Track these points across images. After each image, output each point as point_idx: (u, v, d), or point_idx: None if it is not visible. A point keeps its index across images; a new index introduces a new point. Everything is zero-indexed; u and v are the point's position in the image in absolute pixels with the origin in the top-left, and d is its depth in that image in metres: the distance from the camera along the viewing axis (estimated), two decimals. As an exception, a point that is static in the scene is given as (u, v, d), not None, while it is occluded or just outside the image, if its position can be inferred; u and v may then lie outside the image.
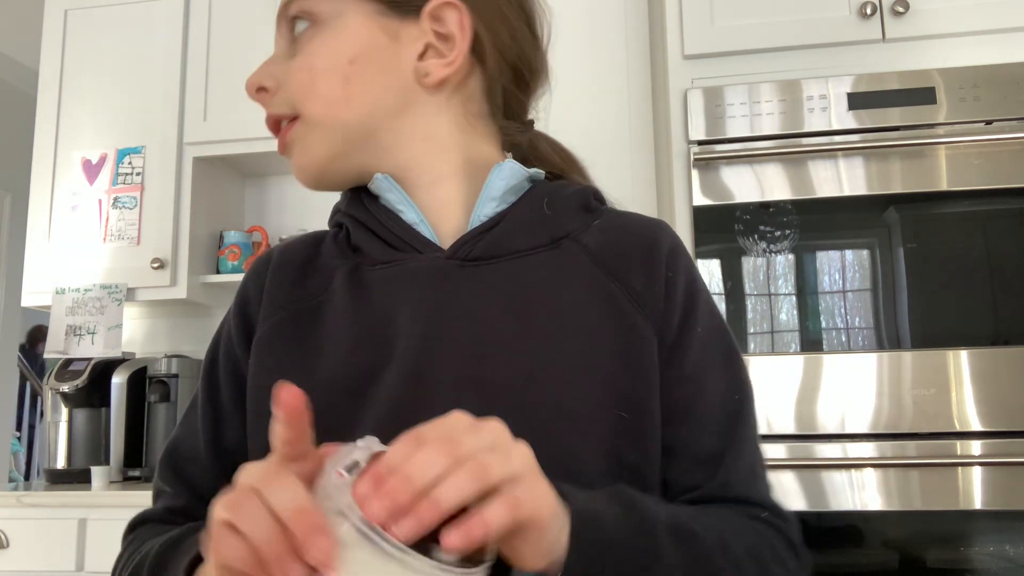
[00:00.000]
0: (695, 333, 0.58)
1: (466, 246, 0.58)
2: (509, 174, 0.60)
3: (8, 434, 3.62)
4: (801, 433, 1.52)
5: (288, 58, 0.60)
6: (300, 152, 0.60)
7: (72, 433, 2.16)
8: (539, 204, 0.59)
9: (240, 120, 2.20)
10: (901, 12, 1.65)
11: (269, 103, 0.61)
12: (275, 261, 0.64)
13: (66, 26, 2.34)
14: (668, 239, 0.61)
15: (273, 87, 0.60)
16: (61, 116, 2.31)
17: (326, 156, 0.59)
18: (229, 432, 0.61)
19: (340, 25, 0.58)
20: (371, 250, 0.60)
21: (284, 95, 0.60)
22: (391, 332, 0.56)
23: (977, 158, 1.56)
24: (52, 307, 2.21)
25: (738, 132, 1.65)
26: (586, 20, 2.08)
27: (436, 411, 0.54)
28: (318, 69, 0.58)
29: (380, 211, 0.60)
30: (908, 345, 1.53)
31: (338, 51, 0.58)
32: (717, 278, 1.62)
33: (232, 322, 0.63)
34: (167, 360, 2.21)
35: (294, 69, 0.59)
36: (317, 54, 0.58)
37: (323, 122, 0.58)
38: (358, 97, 0.58)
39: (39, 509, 1.87)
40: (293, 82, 0.59)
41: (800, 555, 0.56)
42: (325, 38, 0.58)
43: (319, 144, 0.59)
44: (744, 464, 0.57)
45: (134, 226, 2.22)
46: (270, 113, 0.61)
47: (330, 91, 0.58)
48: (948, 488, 1.46)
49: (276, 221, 2.47)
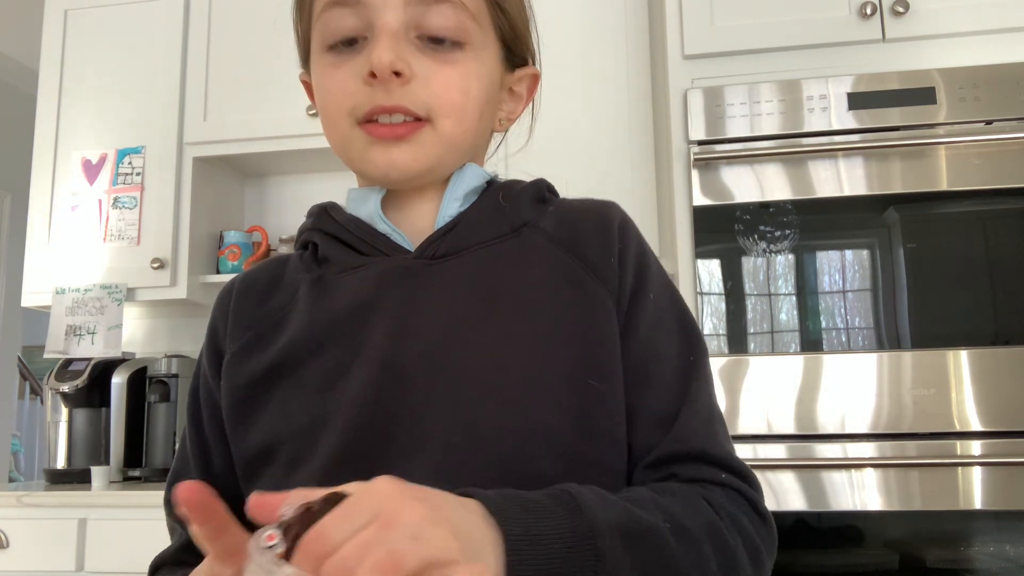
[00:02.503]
0: (648, 300, 0.61)
1: (432, 246, 0.60)
2: (471, 177, 0.64)
3: (8, 434, 3.62)
4: (801, 433, 1.52)
5: (416, 51, 0.59)
6: (415, 154, 0.60)
7: (72, 433, 2.16)
8: (496, 200, 0.63)
9: (240, 120, 2.20)
10: (901, 12, 1.65)
11: (396, 93, 0.58)
12: (237, 288, 0.67)
13: (66, 26, 2.34)
14: (618, 215, 0.65)
15: (408, 77, 0.58)
16: (61, 116, 2.32)
17: (431, 167, 0.61)
18: (216, 459, 0.64)
19: (487, 60, 0.62)
20: (340, 258, 0.62)
21: (423, 95, 0.59)
22: (359, 328, 0.58)
23: (977, 158, 1.56)
24: (52, 307, 2.21)
25: (738, 132, 1.65)
26: (586, 20, 2.08)
27: (407, 399, 0.55)
28: (471, 96, 0.61)
29: (349, 221, 0.63)
30: (908, 345, 1.53)
31: (484, 85, 0.62)
32: (717, 278, 1.62)
33: (204, 353, 0.66)
34: (167, 360, 2.21)
35: (450, 83, 0.59)
36: (472, 79, 0.61)
37: (451, 142, 0.61)
38: (481, 130, 0.64)
39: (39, 509, 1.88)
40: (445, 95, 0.59)
41: (766, 519, 0.57)
42: (478, 67, 0.61)
43: (433, 156, 0.61)
44: (699, 420, 0.58)
45: (134, 226, 2.22)
46: (398, 103, 0.58)
47: (471, 119, 0.61)
48: (948, 488, 1.46)
49: (276, 221, 2.47)
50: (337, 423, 0.56)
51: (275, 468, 0.58)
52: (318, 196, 2.33)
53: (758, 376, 1.55)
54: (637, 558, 0.47)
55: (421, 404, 0.55)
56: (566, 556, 0.44)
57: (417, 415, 0.55)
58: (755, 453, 1.52)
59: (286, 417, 0.58)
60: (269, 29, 2.22)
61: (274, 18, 2.22)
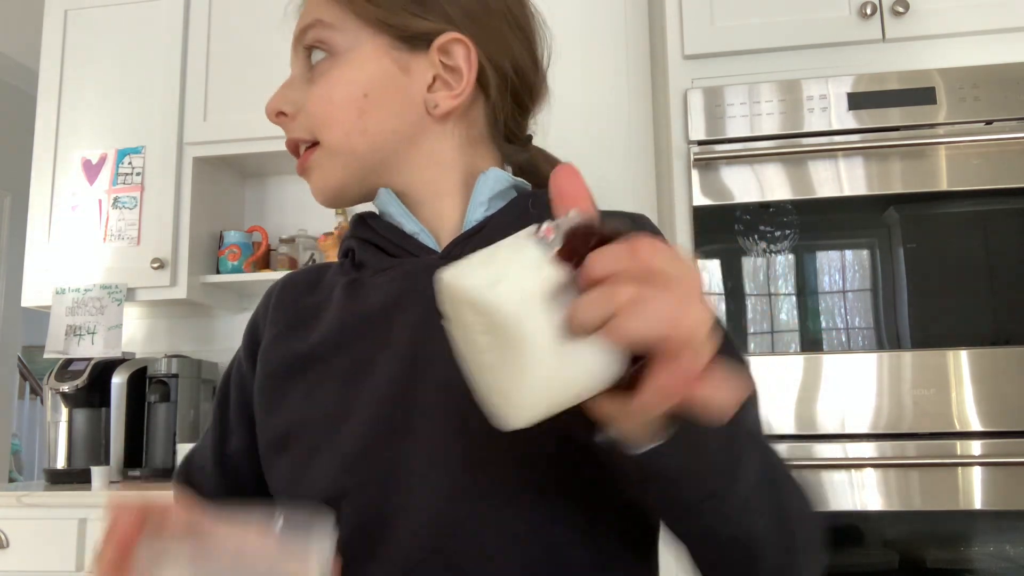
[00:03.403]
0: None
1: (457, 247, 0.61)
2: (494, 181, 0.64)
3: (8, 434, 3.62)
4: (801, 433, 1.52)
5: (305, 83, 0.64)
6: (319, 177, 0.64)
7: (72, 433, 2.16)
8: (525, 206, 0.64)
9: (240, 120, 2.20)
10: (901, 12, 1.65)
11: (289, 127, 0.65)
12: (281, 283, 0.71)
13: (66, 26, 2.34)
14: (649, 227, 0.66)
15: (292, 112, 0.64)
16: (61, 116, 2.32)
17: (342, 180, 0.64)
18: (234, 441, 0.68)
19: (356, 57, 0.61)
20: (373, 262, 0.65)
21: (304, 122, 0.63)
22: (385, 324, 0.60)
23: (977, 158, 1.56)
24: (52, 307, 2.21)
25: (738, 132, 1.65)
26: (586, 20, 2.08)
27: (429, 394, 0.56)
28: (336, 101, 0.61)
29: (382, 226, 0.65)
30: (908, 345, 1.53)
31: (354, 83, 0.61)
32: (717, 278, 1.62)
33: (244, 341, 0.70)
34: (167, 360, 2.21)
35: (313, 99, 0.63)
36: (334, 85, 0.62)
37: (340, 150, 0.62)
38: (373, 128, 0.62)
39: (39, 509, 1.88)
40: (313, 111, 0.62)
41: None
42: (342, 70, 0.62)
43: (336, 170, 0.63)
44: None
45: (134, 226, 2.22)
46: (290, 138, 0.65)
47: (347, 122, 0.61)
48: (948, 488, 1.46)
49: (276, 221, 2.47)
50: (360, 414, 0.57)
51: (296, 452, 0.60)
52: (318, 196, 2.22)
53: (758, 376, 1.55)
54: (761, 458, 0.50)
55: (442, 398, 0.56)
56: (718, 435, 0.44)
57: (438, 408, 0.56)
58: (755, 453, 1.52)
59: (312, 404, 0.61)
60: (269, 29, 2.22)
61: (278, 15, 2.22)
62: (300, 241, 2.31)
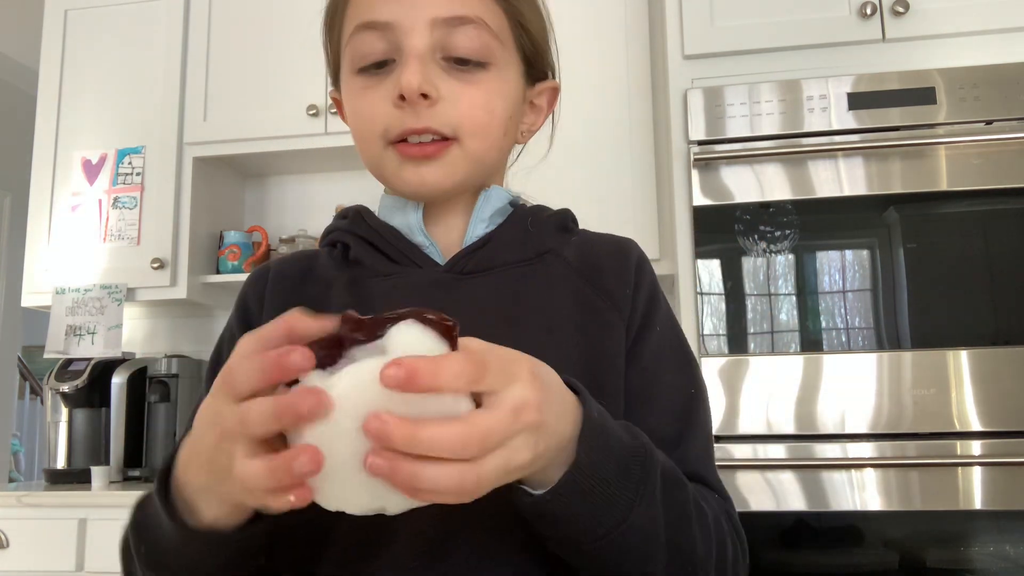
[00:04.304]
0: (654, 332, 0.65)
1: (461, 261, 0.64)
2: (496, 199, 0.67)
3: (8, 434, 3.62)
4: (801, 433, 1.52)
5: (441, 72, 0.62)
6: (444, 174, 0.63)
7: (72, 433, 2.16)
8: (524, 224, 0.67)
9: (240, 120, 2.20)
10: (901, 12, 1.65)
11: (423, 114, 0.61)
12: (273, 272, 0.69)
13: (66, 26, 2.34)
14: (636, 252, 0.69)
15: (434, 98, 0.61)
16: (61, 116, 2.32)
17: (460, 183, 0.65)
18: None
19: (510, 78, 0.65)
20: (372, 263, 0.65)
21: (449, 117, 0.61)
22: None
23: (977, 158, 1.56)
24: (52, 307, 2.21)
25: (738, 132, 1.65)
26: (586, 20, 2.08)
27: None
28: (495, 115, 0.64)
29: (382, 227, 0.66)
30: (908, 345, 1.53)
31: (508, 102, 0.65)
32: (717, 278, 1.62)
33: (234, 325, 0.69)
34: (167, 360, 2.21)
35: (477, 104, 0.62)
36: (495, 97, 0.64)
37: (478, 159, 0.64)
38: (505, 147, 0.67)
39: (39, 509, 1.88)
40: (471, 115, 0.62)
41: (743, 543, 0.61)
42: (500, 85, 0.64)
43: (461, 173, 0.64)
44: (700, 446, 0.62)
45: (134, 226, 2.22)
46: (427, 125, 0.61)
47: (495, 137, 0.65)
48: (948, 488, 1.46)
49: (276, 221, 2.47)
50: None
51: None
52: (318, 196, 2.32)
53: (758, 376, 1.55)
54: (667, 497, 0.51)
55: None
56: (621, 457, 0.48)
57: None
58: (755, 453, 1.52)
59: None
60: (269, 29, 2.23)
61: (278, 15, 2.22)
62: (300, 241, 2.31)
